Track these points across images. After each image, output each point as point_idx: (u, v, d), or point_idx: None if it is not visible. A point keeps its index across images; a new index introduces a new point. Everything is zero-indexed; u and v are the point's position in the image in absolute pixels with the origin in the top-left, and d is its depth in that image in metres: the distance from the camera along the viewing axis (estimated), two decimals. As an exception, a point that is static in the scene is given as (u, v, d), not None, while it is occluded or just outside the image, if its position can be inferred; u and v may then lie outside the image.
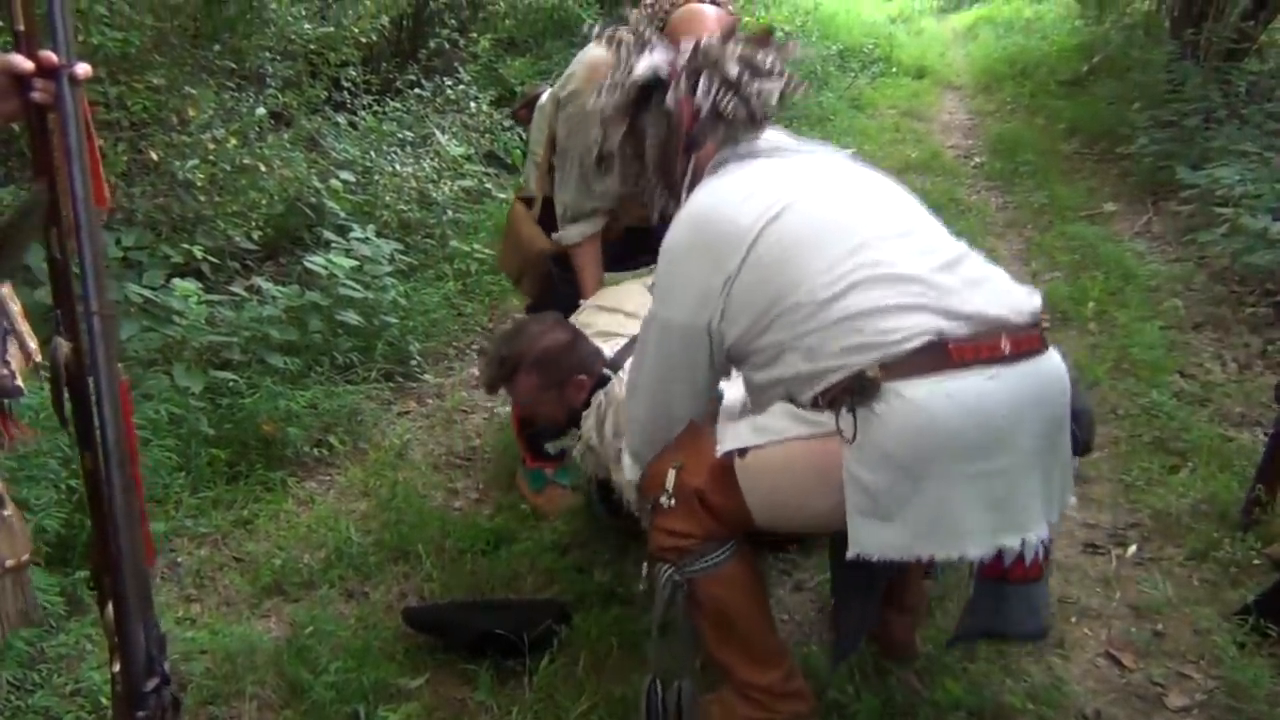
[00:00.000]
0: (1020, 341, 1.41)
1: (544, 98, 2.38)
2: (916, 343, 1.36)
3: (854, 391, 1.37)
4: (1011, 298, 1.45)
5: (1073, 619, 2.02)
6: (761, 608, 1.65)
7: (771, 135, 1.61)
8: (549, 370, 1.98)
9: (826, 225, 1.45)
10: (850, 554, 1.41)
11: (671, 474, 1.55)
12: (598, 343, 2.05)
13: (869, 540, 1.39)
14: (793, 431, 1.44)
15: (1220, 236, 3.83)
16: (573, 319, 2.15)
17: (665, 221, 1.59)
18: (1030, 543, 1.41)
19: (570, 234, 2.27)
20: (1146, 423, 2.72)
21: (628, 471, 1.70)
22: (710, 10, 2.03)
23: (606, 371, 1.97)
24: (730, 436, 1.51)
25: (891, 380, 1.35)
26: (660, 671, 1.64)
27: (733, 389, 1.63)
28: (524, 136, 4.89)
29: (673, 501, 1.54)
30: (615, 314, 2.14)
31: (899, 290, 1.39)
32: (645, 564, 1.63)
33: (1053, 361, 1.46)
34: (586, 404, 1.97)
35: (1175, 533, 2.27)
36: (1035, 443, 1.41)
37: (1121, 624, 2.00)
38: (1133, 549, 2.24)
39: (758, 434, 1.48)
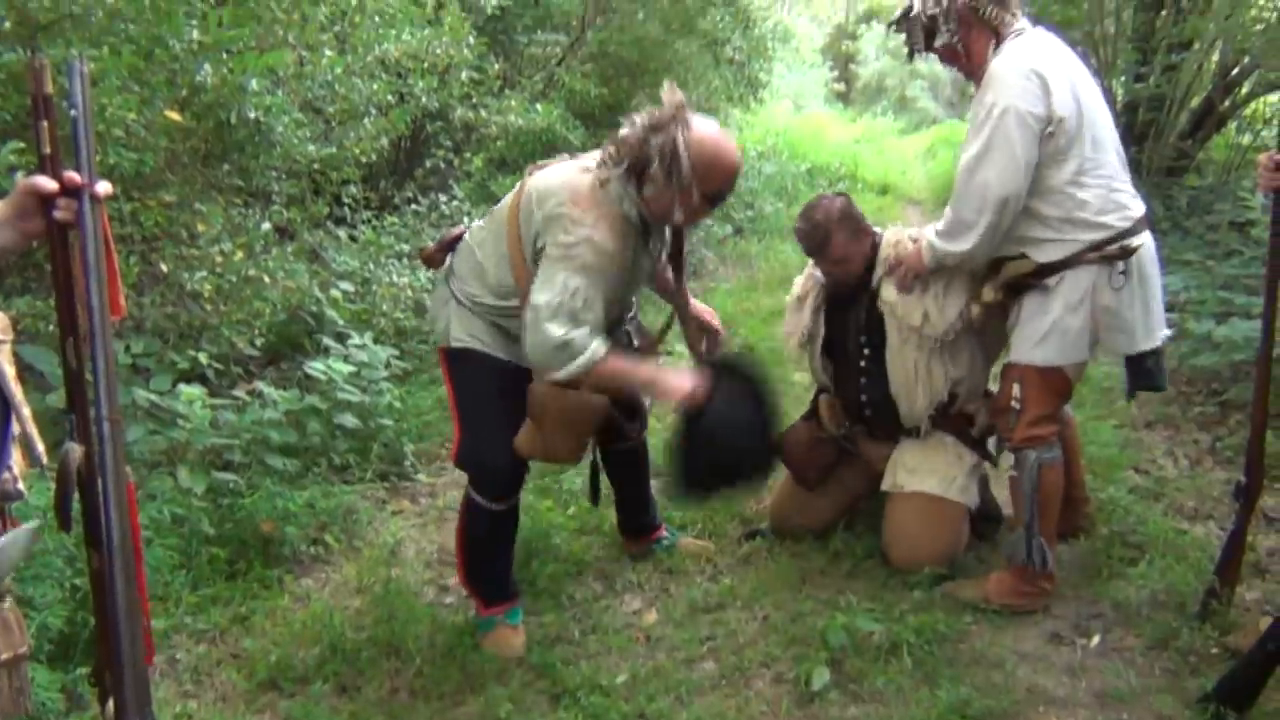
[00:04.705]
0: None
1: (468, 234, 2.34)
2: (1142, 212, 2.31)
3: (1117, 255, 2.21)
4: None
5: (1040, 708, 2.06)
6: (1060, 503, 2.40)
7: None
8: (852, 221, 2.52)
9: (1105, 121, 2.38)
10: (1117, 354, 2.40)
11: (1016, 387, 2.33)
12: None
13: (1121, 345, 2.32)
14: (1059, 318, 2.26)
15: (1168, 340, 4.01)
16: None
17: None
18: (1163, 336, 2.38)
19: (598, 349, 2.10)
20: (1104, 517, 2.80)
21: (942, 243, 2.34)
22: None
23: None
24: (1041, 355, 2.30)
25: (1136, 236, 2.25)
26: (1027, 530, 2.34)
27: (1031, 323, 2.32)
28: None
29: (1018, 405, 2.33)
30: None
31: (1128, 184, 2.35)
32: (1009, 451, 2.42)
33: None
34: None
35: (1136, 623, 2.33)
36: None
37: (1088, 712, 2.05)
38: (1096, 639, 2.29)
39: (1046, 344, 2.29)
